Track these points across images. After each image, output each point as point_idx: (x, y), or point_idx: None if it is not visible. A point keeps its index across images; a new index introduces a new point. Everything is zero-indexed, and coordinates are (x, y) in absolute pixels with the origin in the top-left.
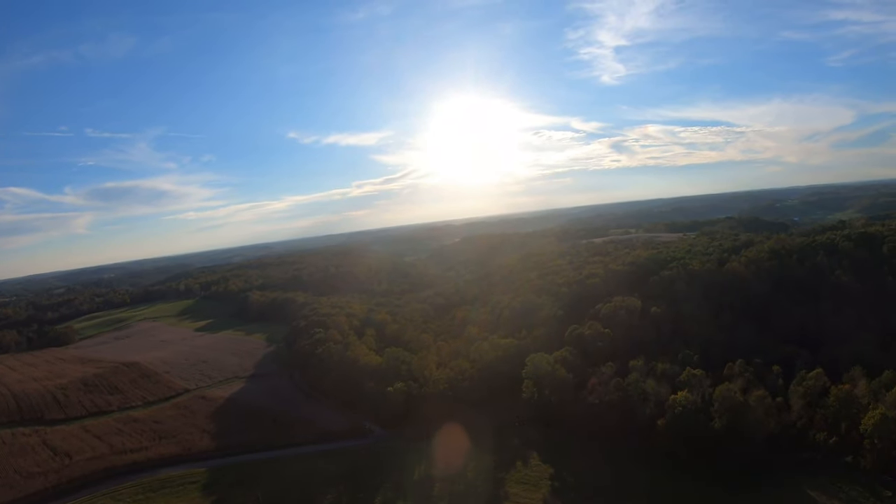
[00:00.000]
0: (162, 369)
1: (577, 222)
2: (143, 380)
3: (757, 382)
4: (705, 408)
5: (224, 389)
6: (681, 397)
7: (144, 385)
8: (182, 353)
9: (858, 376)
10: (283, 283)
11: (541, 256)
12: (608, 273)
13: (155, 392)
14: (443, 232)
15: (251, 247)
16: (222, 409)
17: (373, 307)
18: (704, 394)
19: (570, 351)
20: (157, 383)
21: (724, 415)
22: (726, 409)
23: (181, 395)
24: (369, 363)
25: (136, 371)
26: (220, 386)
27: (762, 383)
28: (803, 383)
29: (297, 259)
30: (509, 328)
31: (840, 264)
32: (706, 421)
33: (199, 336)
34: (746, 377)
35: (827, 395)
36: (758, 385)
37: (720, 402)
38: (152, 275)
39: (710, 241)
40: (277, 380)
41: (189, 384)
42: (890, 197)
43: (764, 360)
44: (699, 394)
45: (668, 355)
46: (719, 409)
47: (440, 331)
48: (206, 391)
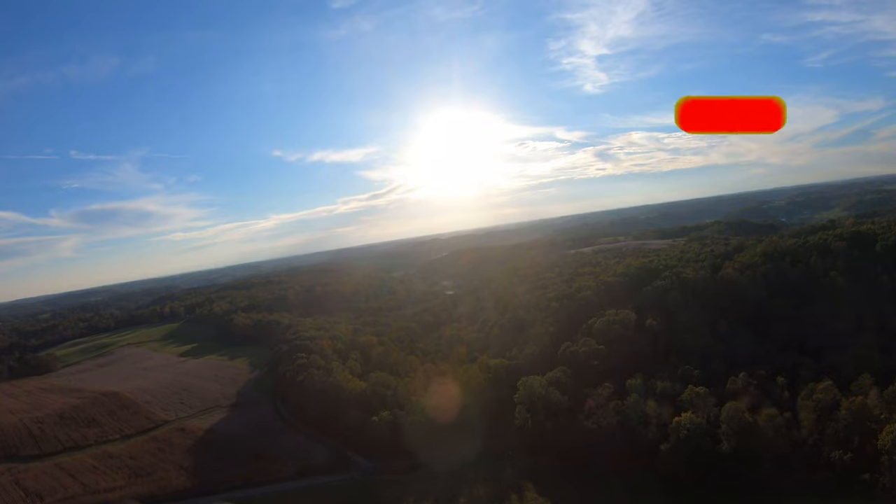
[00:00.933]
0: (142, 399)
1: (565, 232)
2: (122, 411)
3: (762, 397)
4: (711, 430)
5: (204, 420)
6: (685, 419)
7: (123, 417)
8: (163, 380)
9: (868, 385)
10: (268, 304)
11: (529, 269)
12: (599, 285)
13: (134, 424)
14: (430, 246)
15: (239, 266)
16: (201, 443)
17: (359, 327)
18: (710, 414)
19: (563, 371)
20: (137, 414)
21: (733, 437)
22: (735, 431)
23: (160, 426)
24: (353, 390)
25: (115, 402)
26: (200, 416)
27: (767, 397)
28: (812, 396)
29: (283, 278)
30: (499, 347)
31: (834, 265)
32: (713, 444)
33: (182, 362)
34: (752, 392)
35: (837, 407)
36: (763, 400)
37: (728, 424)
38: (139, 297)
39: (701, 246)
40: (260, 408)
41: (169, 414)
42: (876, 194)
43: (766, 371)
44: (704, 414)
45: (667, 370)
46: (727, 431)
47: (428, 350)
48: (186, 422)
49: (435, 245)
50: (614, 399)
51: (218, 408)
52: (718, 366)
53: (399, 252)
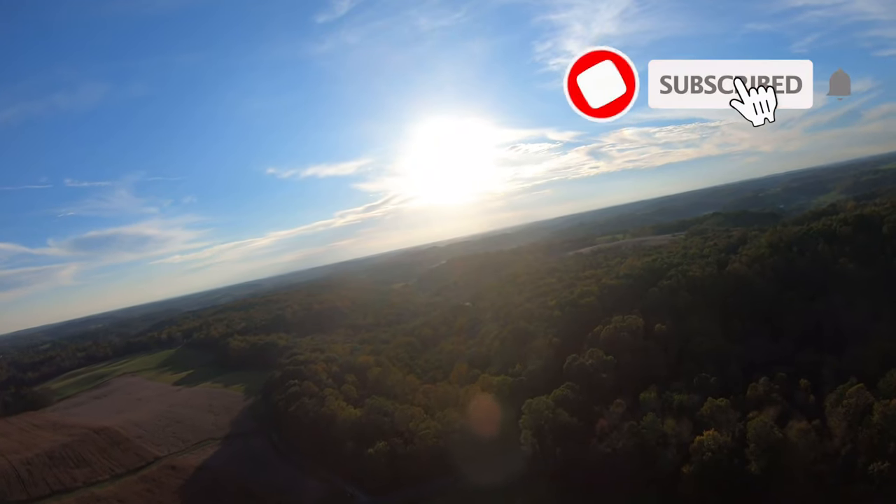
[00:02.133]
0: (134, 434)
1: (562, 233)
2: (112, 448)
3: (786, 404)
4: (738, 448)
5: (196, 455)
6: (708, 438)
7: (114, 454)
8: (156, 412)
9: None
10: (265, 325)
11: (528, 275)
12: (602, 289)
13: (124, 462)
14: (428, 255)
15: (239, 286)
16: (192, 482)
17: (356, 345)
18: (734, 430)
19: (570, 387)
20: (127, 451)
21: (762, 456)
22: (764, 450)
23: (151, 464)
24: (347, 419)
25: (106, 438)
26: (192, 451)
27: (791, 402)
28: (843, 402)
29: (280, 297)
30: (501, 362)
31: (842, 251)
32: (741, 465)
33: (177, 391)
34: (775, 399)
35: (870, 411)
36: (788, 407)
37: (756, 442)
38: (140, 323)
39: (703, 241)
40: (253, 440)
41: (161, 450)
42: (871, 174)
43: (787, 373)
44: (728, 431)
45: (681, 379)
46: (755, 450)
47: (428, 367)
48: (177, 458)
49: (433, 254)
50: (628, 417)
51: (211, 440)
52: (735, 369)
53: (397, 263)
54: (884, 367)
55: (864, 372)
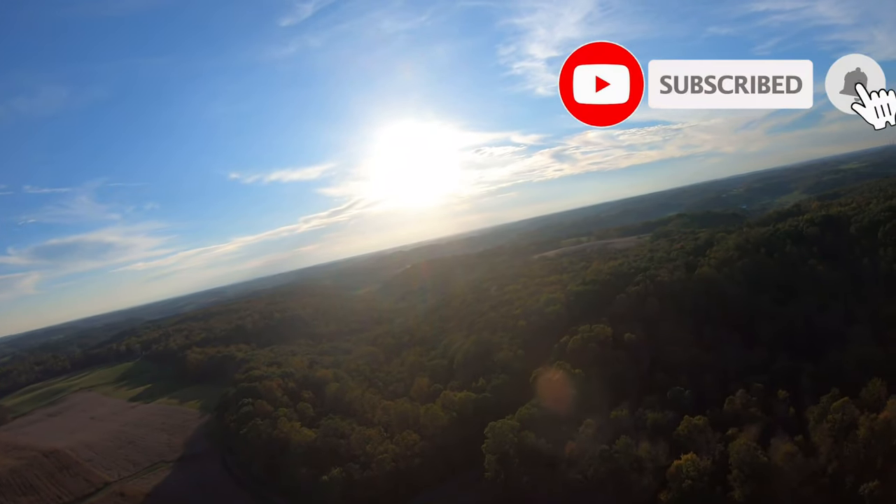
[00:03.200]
0: (84, 457)
1: (528, 236)
2: (61, 473)
3: (765, 417)
4: (719, 472)
5: (147, 480)
6: (686, 463)
7: (62, 480)
8: (109, 432)
9: (882, 392)
10: (225, 336)
11: (493, 280)
12: (569, 296)
13: (72, 489)
14: (393, 260)
15: (203, 293)
16: None
17: (316, 357)
18: (714, 453)
19: (537, 405)
20: (76, 476)
21: (746, 482)
22: (748, 476)
23: (100, 490)
24: (301, 442)
25: (55, 462)
26: (143, 475)
27: (770, 415)
28: (828, 416)
29: (242, 305)
30: (465, 376)
31: (811, 252)
32: (724, 491)
33: (132, 408)
34: (756, 416)
35: (855, 426)
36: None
37: (739, 467)
38: (101, 333)
39: (669, 243)
40: (206, 463)
41: (111, 474)
42: (833, 174)
43: (764, 383)
44: (708, 454)
45: (654, 392)
46: (739, 476)
47: (390, 379)
48: (126, 484)
49: (399, 258)
50: (600, 438)
51: (163, 463)
52: (710, 380)
53: (362, 268)
54: (863, 372)
55: (843, 379)
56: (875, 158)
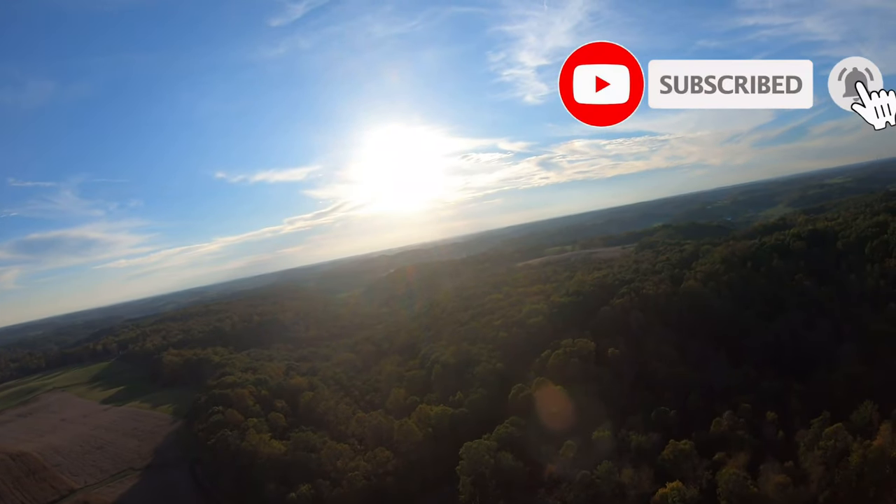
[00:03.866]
0: (52, 461)
1: (512, 243)
2: (28, 478)
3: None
4: (706, 502)
5: (112, 489)
6: (672, 492)
7: (28, 485)
8: (79, 436)
9: (875, 418)
10: (203, 338)
11: (476, 288)
12: (551, 308)
13: (37, 495)
14: (378, 264)
15: (184, 292)
16: None
17: (293, 363)
18: (702, 481)
19: (515, 423)
20: (43, 482)
21: None
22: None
23: (65, 497)
24: (270, 455)
25: (22, 466)
26: (110, 483)
27: (758, 437)
28: (820, 443)
29: (221, 307)
30: (443, 388)
31: (797, 267)
32: None
33: (104, 410)
34: (744, 439)
35: (848, 452)
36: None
37: (728, 499)
38: (80, 330)
39: (654, 254)
40: (175, 473)
41: (78, 480)
42: (818, 189)
43: (751, 403)
44: (696, 483)
45: (638, 411)
46: None
47: (367, 389)
48: (93, 492)
49: (382, 262)
50: (580, 461)
51: (131, 471)
52: (695, 398)
53: (346, 271)
54: (851, 393)
55: (832, 399)
56: (860, 174)
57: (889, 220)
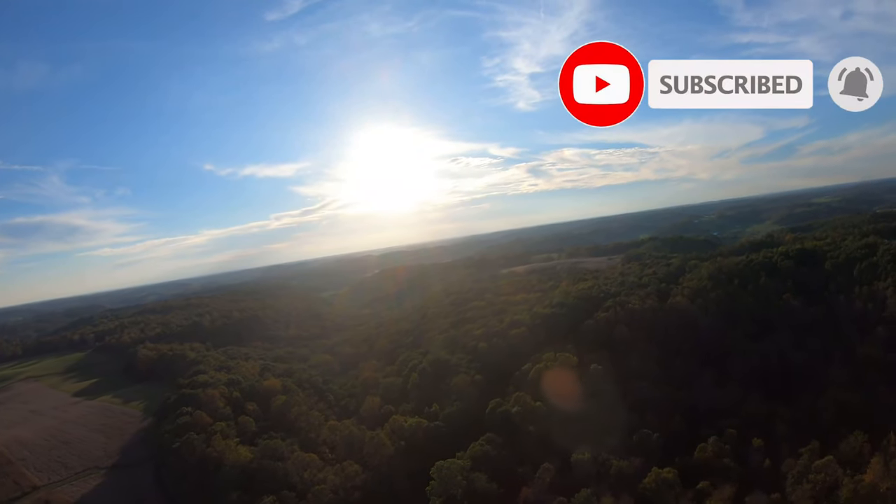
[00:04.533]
0: (17, 455)
1: (498, 248)
2: None
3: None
4: None
5: (75, 488)
6: None
7: None
8: (46, 429)
9: (865, 450)
10: (181, 332)
11: (458, 295)
12: (534, 319)
13: None
14: (363, 264)
15: (168, 284)
16: None
17: (270, 363)
18: None
19: (491, 441)
20: (6, 477)
21: None
22: None
23: (27, 495)
24: (236, 463)
25: None
26: (73, 482)
27: (743, 465)
28: (809, 476)
29: (202, 301)
30: (418, 397)
31: (785, 286)
32: None
33: (74, 404)
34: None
35: (837, 486)
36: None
37: None
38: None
39: (641, 268)
40: (140, 475)
41: (41, 477)
42: (805, 207)
43: (737, 428)
44: None
45: (618, 433)
46: None
47: (342, 393)
48: (54, 490)
49: (368, 262)
50: (557, 486)
51: (95, 469)
52: (679, 420)
53: (331, 270)
54: (840, 419)
55: (820, 426)
56: (847, 194)
57: (878, 243)
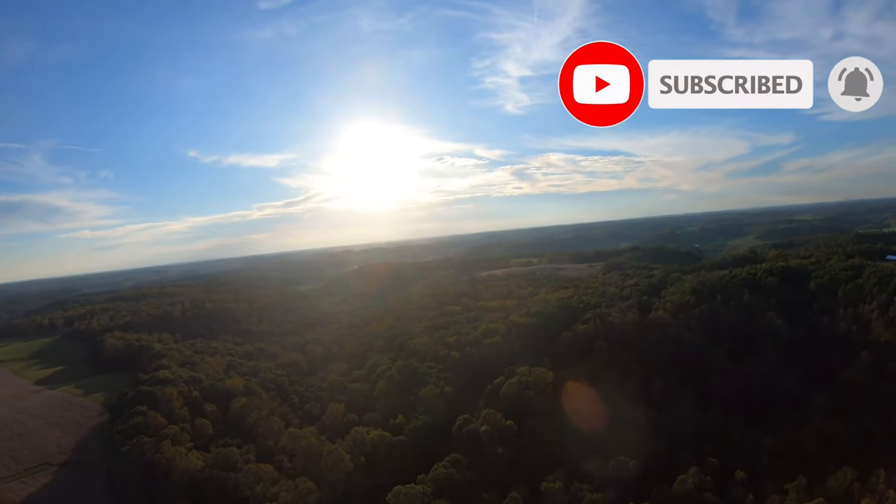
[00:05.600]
0: None
1: (479, 250)
2: None
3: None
4: None
5: (23, 485)
6: None
7: None
8: (2, 419)
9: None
10: (151, 322)
11: (432, 298)
12: (510, 329)
13: None
14: (342, 258)
15: (146, 270)
16: None
17: (237, 360)
18: None
19: (456, 462)
20: None
21: None
22: None
23: None
24: (185, 470)
25: None
26: (22, 478)
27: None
28: None
29: (176, 290)
30: (385, 407)
31: (769, 304)
32: None
33: (35, 392)
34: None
35: None
36: None
37: None
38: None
39: (622, 278)
40: (92, 475)
41: None
42: (787, 224)
43: (719, 458)
44: None
45: (594, 458)
46: None
47: (308, 396)
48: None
49: (348, 257)
50: None
51: (46, 466)
52: (657, 444)
53: (310, 263)
54: (825, 449)
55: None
56: (829, 213)
57: (864, 265)
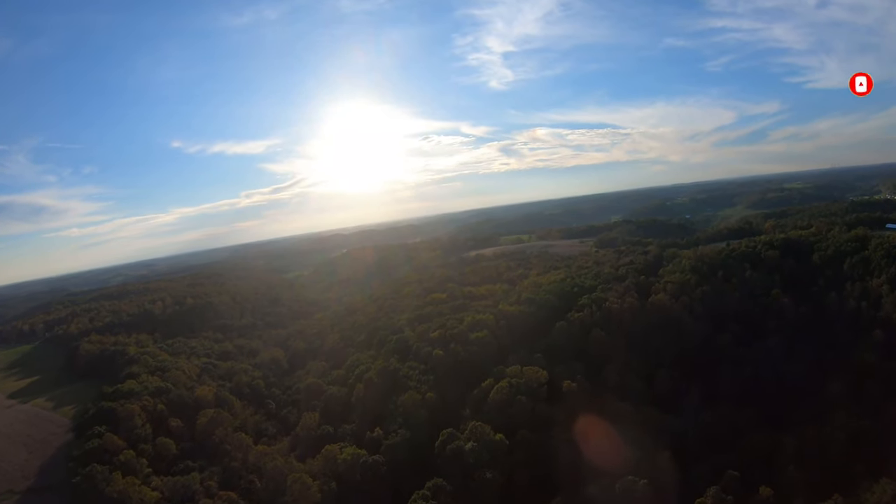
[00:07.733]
0: None
1: (468, 228)
2: None
3: None
4: None
5: None
6: None
7: None
8: None
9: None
10: (130, 322)
11: (418, 285)
12: (499, 319)
13: None
14: (331, 242)
15: (136, 264)
16: None
17: (213, 361)
18: None
19: (438, 491)
20: None
21: None
22: None
23: None
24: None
25: None
26: None
27: None
28: None
29: (160, 286)
30: (363, 414)
31: (772, 280)
32: None
33: (7, 408)
34: None
35: None
36: None
37: None
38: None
39: (617, 256)
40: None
41: None
42: (777, 192)
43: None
44: None
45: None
46: None
47: (285, 400)
48: None
49: (337, 241)
50: None
51: (9, 494)
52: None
53: (298, 249)
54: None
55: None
56: (818, 181)
57: (868, 236)
